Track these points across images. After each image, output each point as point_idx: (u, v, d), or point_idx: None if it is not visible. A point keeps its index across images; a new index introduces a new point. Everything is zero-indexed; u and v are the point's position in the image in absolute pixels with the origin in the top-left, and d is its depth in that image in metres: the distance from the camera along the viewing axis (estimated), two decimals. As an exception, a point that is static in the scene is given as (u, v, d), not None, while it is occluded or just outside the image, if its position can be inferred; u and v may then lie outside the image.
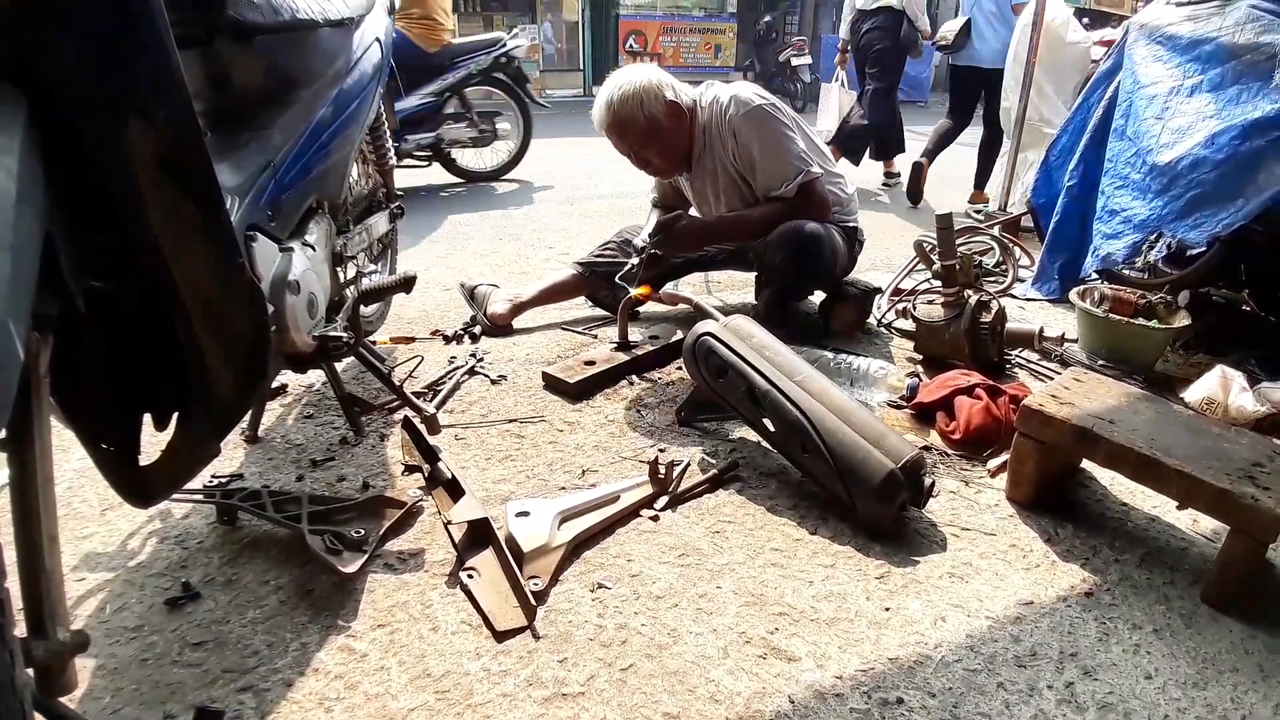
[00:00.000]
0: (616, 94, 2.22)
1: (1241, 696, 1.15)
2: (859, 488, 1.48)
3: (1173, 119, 2.44)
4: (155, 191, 0.86)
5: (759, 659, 1.19)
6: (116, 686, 1.11)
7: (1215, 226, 2.23)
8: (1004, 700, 1.13)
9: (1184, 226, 2.32)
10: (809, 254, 2.22)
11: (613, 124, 2.25)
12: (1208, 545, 1.50)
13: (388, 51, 1.96)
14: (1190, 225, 2.30)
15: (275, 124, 1.36)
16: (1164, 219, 2.38)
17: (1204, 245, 2.32)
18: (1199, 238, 2.29)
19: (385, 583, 1.34)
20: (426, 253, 3.47)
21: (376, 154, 2.21)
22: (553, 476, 1.67)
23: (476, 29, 11.52)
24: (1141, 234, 2.48)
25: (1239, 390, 1.96)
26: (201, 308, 0.97)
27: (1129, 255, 2.55)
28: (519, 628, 1.23)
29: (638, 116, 2.22)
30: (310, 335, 1.45)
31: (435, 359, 2.26)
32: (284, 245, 1.37)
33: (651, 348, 2.27)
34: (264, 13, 1.27)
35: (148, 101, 0.83)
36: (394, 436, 1.80)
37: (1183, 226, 2.32)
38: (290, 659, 1.17)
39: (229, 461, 1.68)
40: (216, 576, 1.34)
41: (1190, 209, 2.31)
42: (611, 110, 2.23)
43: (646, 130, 2.25)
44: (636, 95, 2.21)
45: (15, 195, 0.66)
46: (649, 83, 2.23)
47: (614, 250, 2.57)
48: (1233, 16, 2.41)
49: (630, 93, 2.21)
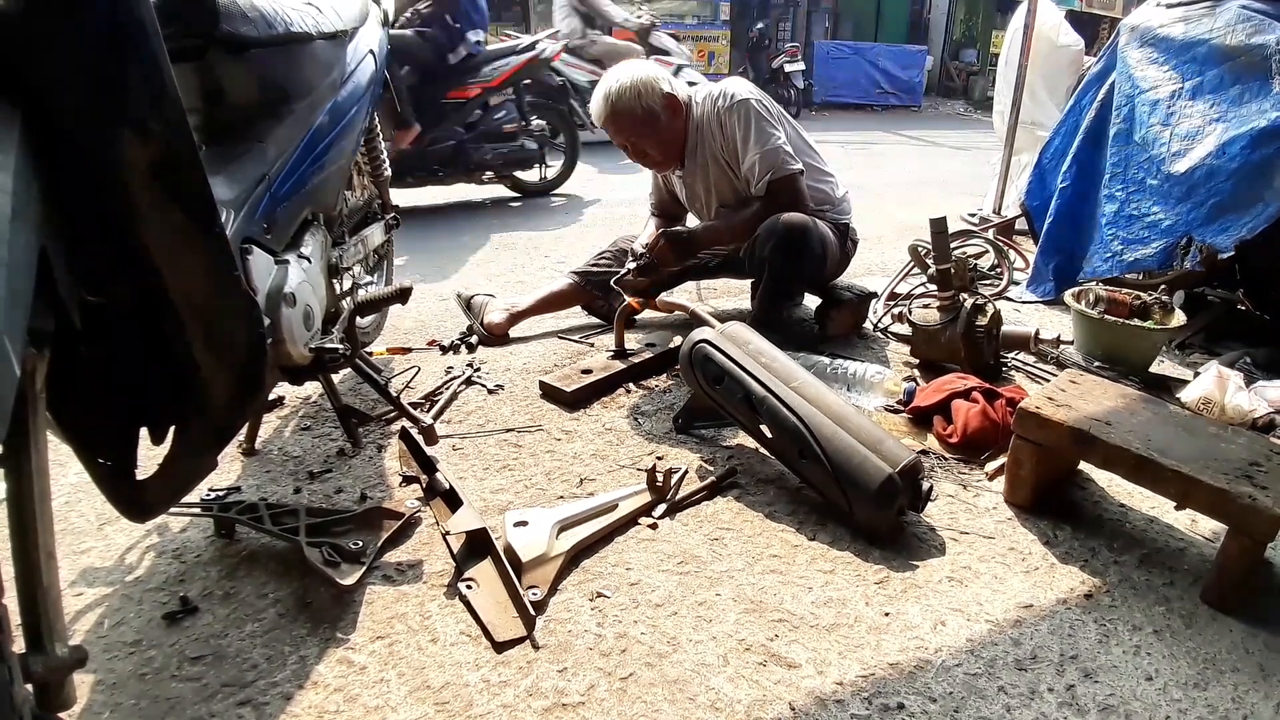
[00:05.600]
0: (615, 87, 2.25)
1: (1243, 696, 1.15)
2: (857, 493, 1.48)
3: (1179, 124, 2.47)
4: (150, 205, 0.86)
5: (759, 666, 1.19)
6: (115, 701, 1.10)
7: (1241, 230, 2.28)
8: (1005, 704, 1.13)
9: (1212, 231, 2.35)
10: (799, 242, 2.23)
11: (611, 116, 2.28)
12: (1206, 545, 1.50)
13: (382, 64, 1.97)
14: (1218, 230, 2.34)
15: (270, 137, 1.36)
16: (1191, 224, 2.42)
17: (1232, 249, 2.34)
18: (1227, 242, 2.32)
19: (384, 594, 1.33)
20: (423, 263, 3.47)
21: (371, 165, 2.21)
22: (550, 486, 1.67)
23: (470, 39, 11.56)
24: (1172, 239, 2.49)
25: (1235, 389, 1.96)
26: (197, 321, 0.97)
27: (1164, 260, 2.56)
28: (518, 638, 1.23)
29: (635, 109, 2.25)
30: (307, 347, 1.44)
31: (432, 369, 2.26)
32: (280, 258, 1.37)
33: (648, 355, 2.27)
34: (258, 26, 1.28)
35: (142, 115, 0.83)
36: (391, 447, 1.80)
37: (1210, 231, 2.36)
38: (289, 672, 1.16)
39: (226, 474, 1.68)
40: (215, 590, 1.34)
41: (1214, 215, 2.35)
42: (610, 103, 2.26)
43: (644, 122, 2.28)
44: (634, 88, 2.24)
45: (10, 211, 0.66)
46: (646, 76, 2.27)
47: (610, 259, 2.58)
48: (1223, 18, 2.43)
49: (628, 85, 2.24)
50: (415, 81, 4.25)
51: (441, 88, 4.42)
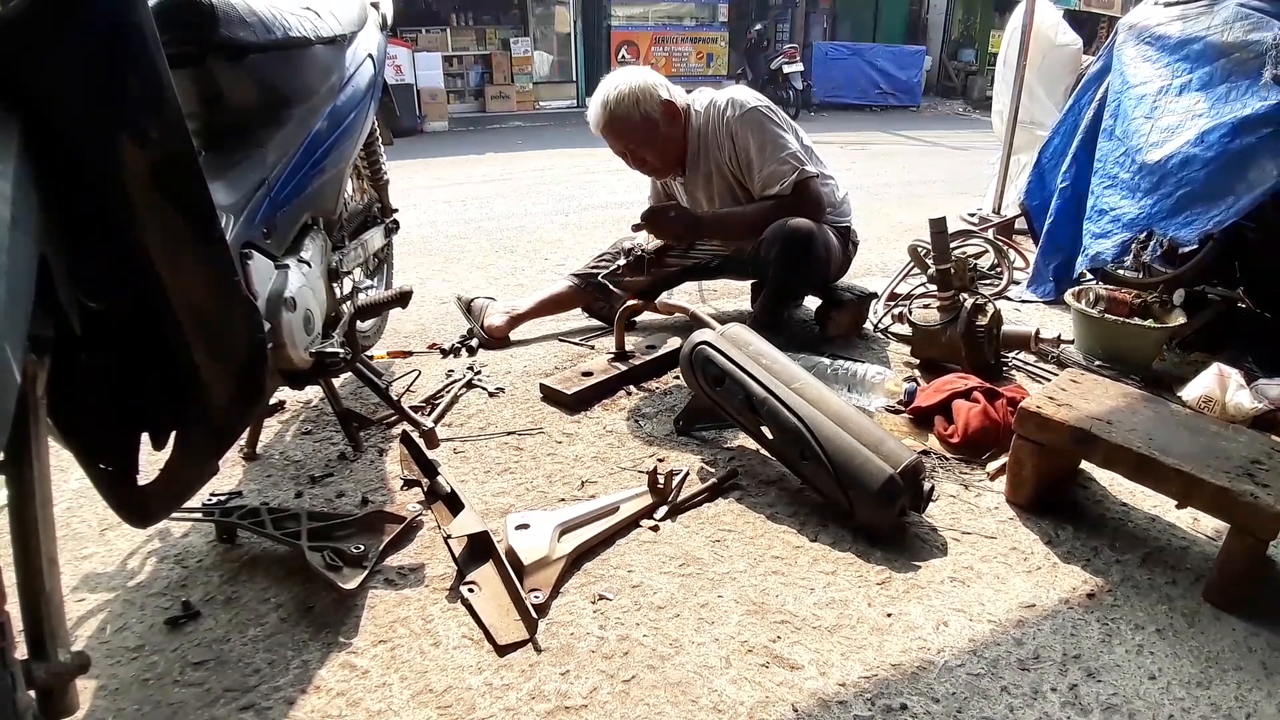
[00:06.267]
0: (612, 94, 2.24)
1: (1246, 695, 1.15)
2: (858, 493, 1.48)
3: (1162, 118, 2.45)
4: (150, 211, 0.86)
5: (761, 668, 1.19)
6: (118, 707, 1.10)
7: (1207, 224, 2.23)
8: (1008, 704, 1.13)
9: (1175, 225, 2.32)
10: (804, 249, 2.23)
11: (609, 124, 2.27)
12: (1208, 544, 1.50)
13: (380, 67, 1.97)
14: (1181, 223, 2.30)
15: (269, 142, 1.36)
16: (1154, 217, 2.39)
17: (1195, 243, 2.32)
18: (1190, 235, 2.29)
19: (386, 598, 1.33)
20: (423, 266, 3.48)
21: (371, 169, 2.21)
22: (552, 488, 1.67)
23: (469, 42, 11.58)
24: (1131, 233, 2.48)
25: (1236, 388, 1.96)
26: (198, 326, 0.97)
27: (1118, 254, 2.55)
28: (520, 641, 1.23)
29: (633, 116, 2.24)
30: (307, 351, 1.45)
31: (433, 373, 2.27)
32: (280, 262, 1.37)
33: (648, 357, 2.27)
34: (256, 31, 1.28)
35: (141, 121, 0.83)
36: (392, 451, 1.80)
37: (1174, 225, 2.33)
38: (291, 677, 1.16)
39: (227, 479, 1.68)
40: (216, 595, 1.34)
41: (1181, 207, 2.31)
42: (608, 110, 2.24)
43: (642, 130, 2.27)
44: (632, 95, 2.23)
45: (9, 218, 0.66)
46: (644, 83, 2.26)
47: (610, 261, 2.58)
48: (1221, 15, 2.43)
49: (626, 92, 2.23)
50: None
51: None
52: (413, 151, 7.49)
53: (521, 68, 11.77)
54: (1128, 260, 2.59)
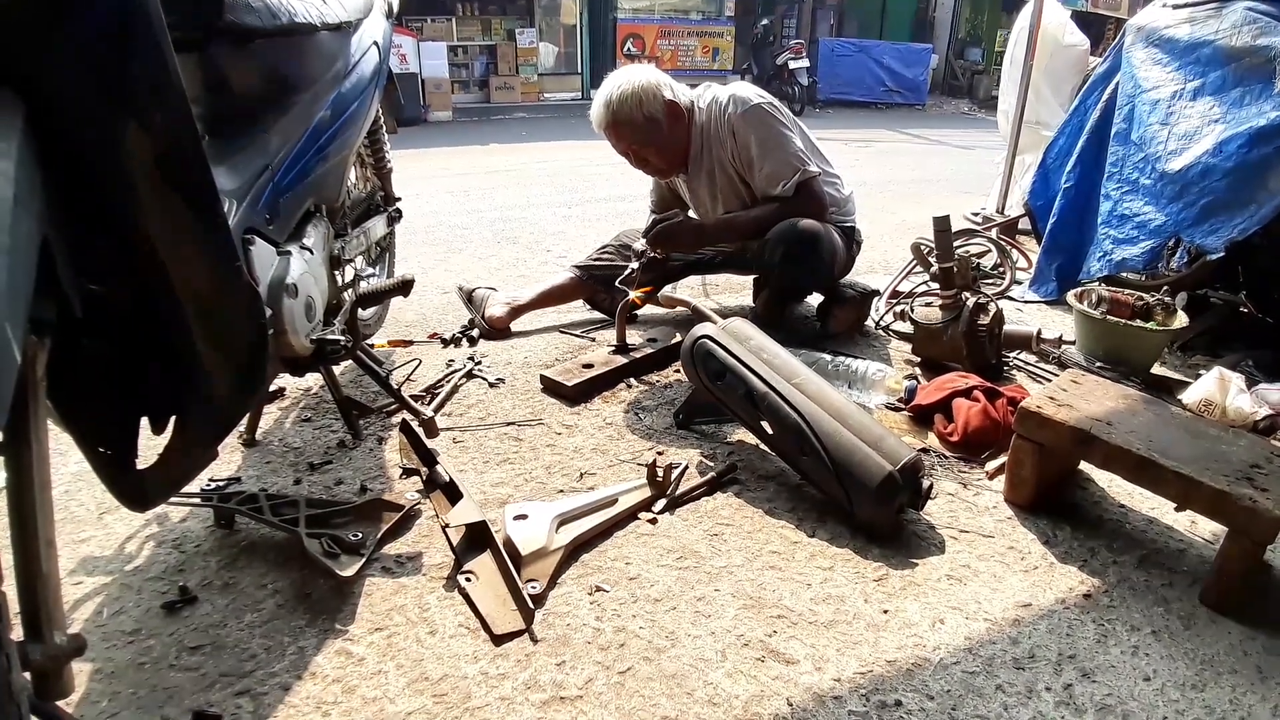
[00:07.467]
0: (615, 94, 2.23)
1: (1240, 698, 1.15)
2: (857, 490, 1.48)
3: (1178, 124, 2.46)
4: (152, 195, 0.86)
5: (757, 661, 1.19)
6: (114, 690, 1.11)
7: (1231, 232, 2.26)
8: (1002, 703, 1.13)
9: (1201, 232, 2.34)
10: (808, 251, 2.22)
11: (611, 123, 2.25)
12: (1206, 547, 1.50)
13: (385, 55, 1.96)
14: (1207, 231, 2.32)
15: (273, 128, 1.36)
16: (1180, 225, 2.40)
17: (1222, 251, 2.33)
18: (1216, 243, 2.31)
19: (383, 586, 1.34)
20: (425, 255, 3.47)
21: (374, 157, 2.21)
22: (551, 479, 1.67)
23: (475, 32, 11.53)
24: (1160, 239, 2.49)
25: (1237, 392, 1.96)
26: (199, 311, 0.97)
27: (1150, 260, 2.55)
28: (517, 631, 1.23)
29: (636, 116, 2.23)
30: (308, 338, 1.44)
31: (433, 362, 2.26)
32: (282, 249, 1.37)
33: (649, 351, 2.27)
34: (261, 16, 1.27)
35: (145, 105, 0.83)
36: (392, 440, 1.80)
37: (1200, 232, 2.34)
38: (288, 663, 1.17)
39: (226, 465, 1.68)
40: (214, 580, 1.34)
41: (1205, 215, 2.34)
42: (610, 110, 2.23)
43: (645, 130, 2.26)
44: (635, 95, 2.21)
45: (12, 200, 0.66)
46: (647, 82, 2.24)
47: (612, 254, 2.58)
48: (1229, 19, 2.42)
49: (629, 92, 2.21)
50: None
51: None
52: (416, 141, 7.47)
53: (527, 59, 11.72)
54: (1159, 267, 2.59)
